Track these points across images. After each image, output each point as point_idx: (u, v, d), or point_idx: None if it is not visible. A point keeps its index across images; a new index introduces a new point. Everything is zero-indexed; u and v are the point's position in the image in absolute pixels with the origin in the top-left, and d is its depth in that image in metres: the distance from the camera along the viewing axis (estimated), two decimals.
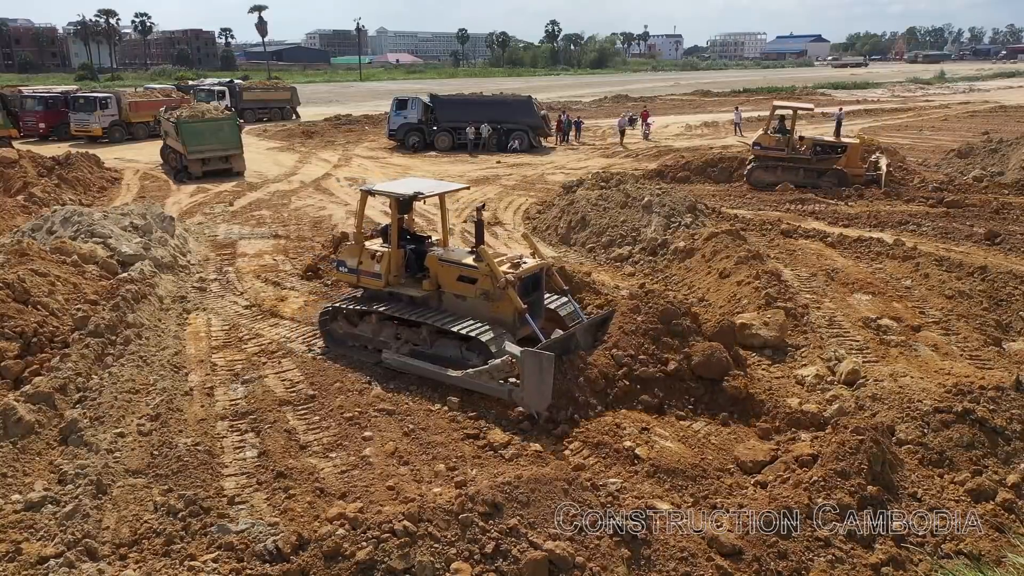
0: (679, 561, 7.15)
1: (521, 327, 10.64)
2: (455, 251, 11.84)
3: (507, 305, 10.55)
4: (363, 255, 11.69)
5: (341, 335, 11.88)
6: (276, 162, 32.87)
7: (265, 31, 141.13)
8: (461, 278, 11.00)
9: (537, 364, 8.99)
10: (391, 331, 11.39)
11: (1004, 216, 19.35)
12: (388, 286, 11.50)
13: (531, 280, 10.98)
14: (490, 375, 9.70)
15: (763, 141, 24.58)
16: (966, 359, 11.23)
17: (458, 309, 11.00)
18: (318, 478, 8.37)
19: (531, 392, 9.16)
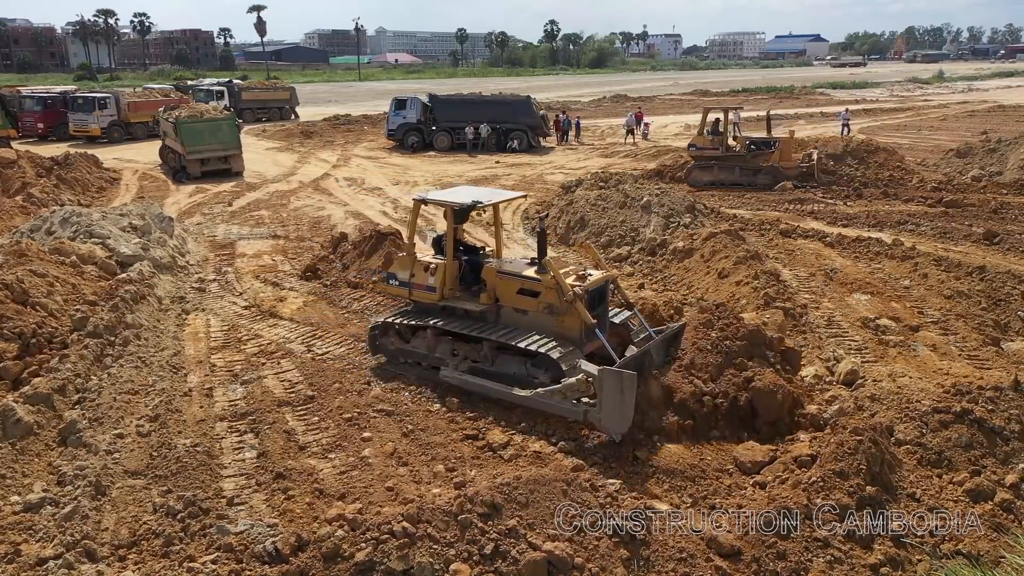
0: (678, 562, 7.16)
1: (588, 343, 10.03)
2: (514, 262, 11.11)
3: (574, 320, 9.92)
4: (416, 267, 11.09)
5: (392, 351, 11.29)
6: (275, 162, 32.89)
7: (264, 31, 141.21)
8: (522, 291, 10.35)
9: (617, 384, 8.46)
10: (447, 347, 10.74)
11: (1003, 216, 19.37)
12: (443, 300, 10.88)
13: (597, 293, 10.32)
14: (563, 395, 9.09)
15: (698, 142, 25.52)
16: (965, 359, 11.23)
17: (518, 324, 10.35)
18: (317, 479, 8.37)
19: (610, 414, 8.62)
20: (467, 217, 11.51)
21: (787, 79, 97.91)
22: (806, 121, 46.93)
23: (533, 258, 10.80)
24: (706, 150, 25.06)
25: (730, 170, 24.54)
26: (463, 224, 11.55)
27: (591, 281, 10.15)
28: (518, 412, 9.79)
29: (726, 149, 24.73)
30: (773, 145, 24.83)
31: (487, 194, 11.53)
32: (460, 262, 11.02)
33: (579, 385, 8.97)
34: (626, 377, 8.46)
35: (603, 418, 8.73)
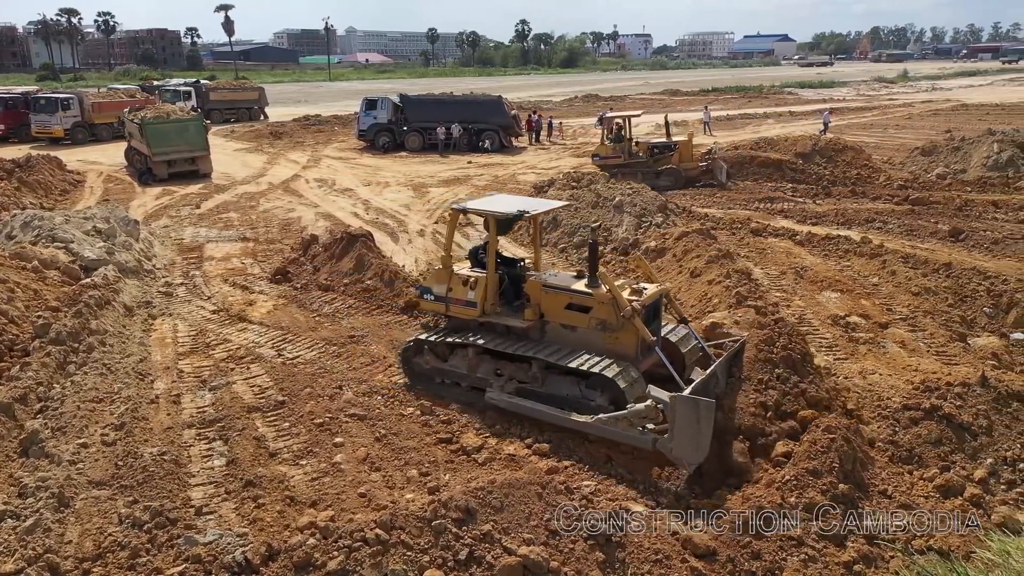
0: (653, 563, 7.13)
1: (643, 360, 9.49)
2: (559, 276, 10.46)
3: (630, 336, 9.30)
4: (453, 281, 10.38)
5: (428, 371, 10.59)
6: (244, 163, 32.48)
7: (232, 30, 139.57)
8: (571, 306, 9.71)
9: (693, 412, 7.92)
10: (490, 366, 10.06)
11: (967, 213, 19.68)
12: (484, 316, 10.22)
13: (652, 308, 9.76)
14: (629, 422, 8.50)
15: (601, 151, 25.78)
16: (933, 355, 11.36)
17: (566, 341, 9.73)
18: (288, 486, 8.23)
19: (684, 444, 8.05)
20: (511, 227, 10.99)
21: (756, 79, 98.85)
22: (775, 120, 47.39)
23: (579, 271, 10.39)
24: (610, 158, 25.39)
25: (633, 175, 24.66)
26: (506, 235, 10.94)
27: (647, 295, 9.58)
28: (490, 414, 9.74)
29: (629, 156, 25.06)
30: (673, 148, 25.21)
31: (533, 204, 10.86)
32: (501, 276, 10.37)
33: (647, 412, 8.37)
34: (704, 405, 7.92)
35: (675, 448, 8.15)
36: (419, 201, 24.16)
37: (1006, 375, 10.31)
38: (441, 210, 22.66)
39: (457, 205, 10.89)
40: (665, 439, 8.22)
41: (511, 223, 10.55)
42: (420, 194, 25.39)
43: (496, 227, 10.17)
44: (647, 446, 8.39)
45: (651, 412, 8.34)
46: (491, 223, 10.17)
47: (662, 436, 8.27)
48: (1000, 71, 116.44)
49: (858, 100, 63.81)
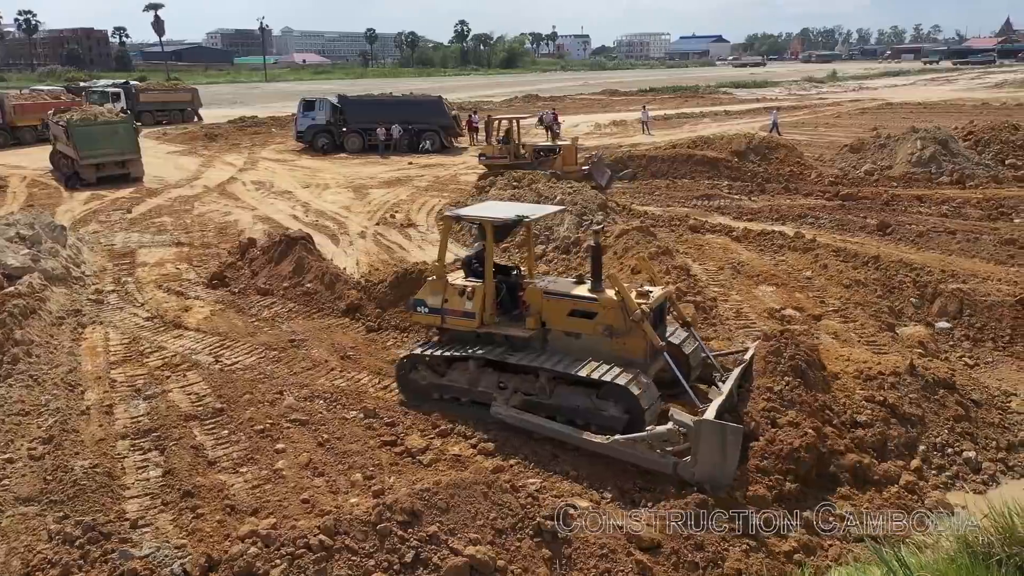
0: (599, 558, 7.18)
1: (651, 366, 9.22)
2: (558, 281, 10.21)
3: (637, 341, 8.99)
4: (449, 292, 9.98)
5: (424, 386, 10.15)
6: (177, 166, 31.65)
7: (162, 30, 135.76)
8: (575, 312, 9.41)
9: (719, 437, 7.63)
10: (492, 379, 9.69)
11: (893, 208, 20.42)
12: (483, 326, 9.81)
13: (659, 311, 9.51)
14: (648, 445, 8.17)
15: (488, 152, 26.18)
16: (864, 345, 11.74)
17: (569, 349, 9.35)
18: (228, 495, 8.04)
19: (708, 469, 7.77)
20: (508, 234, 10.68)
21: (692, 79, 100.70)
22: (711, 119, 48.36)
23: (579, 276, 10.14)
24: (496, 159, 25.66)
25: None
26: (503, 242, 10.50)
27: (655, 298, 9.31)
28: (435, 415, 9.69)
29: (515, 157, 25.36)
30: (556, 152, 25.63)
31: (531, 209, 10.51)
32: (498, 284, 10.03)
33: (669, 435, 8.06)
34: (731, 431, 7.64)
35: (697, 472, 7.86)
36: (360, 203, 23.91)
37: (932, 363, 10.75)
38: (383, 211, 22.48)
39: (450, 212, 10.52)
40: (687, 463, 7.93)
41: (509, 229, 10.17)
42: (360, 196, 25.13)
43: (493, 234, 9.77)
44: (667, 470, 8.08)
45: (673, 436, 8.04)
46: (488, 230, 9.73)
47: (683, 460, 7.99)
48: (921, 71, 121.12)
49: (790, 100, 65.59)
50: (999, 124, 28.71)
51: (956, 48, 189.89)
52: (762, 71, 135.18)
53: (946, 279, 14.20)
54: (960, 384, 10.09)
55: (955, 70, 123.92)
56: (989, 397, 10.17)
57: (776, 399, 8.76)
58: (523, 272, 10.66)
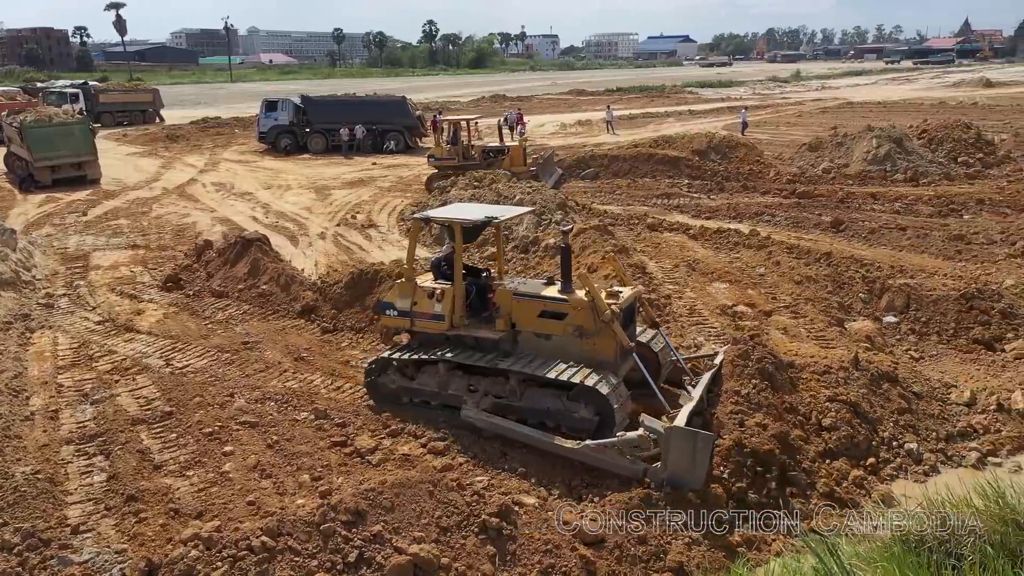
0: (544, 554, 7.26)
1: (620, 366, 9.23)
2: (528, 283, 10.13)
3: (608, 342, 8.98)
4: (418, 295, 9.89)
5: (394, 390, 10.03)
6: (137, 168, 31.23)
7: (124, 30, 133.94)
8: (545, 313, 9.37)
9: (690, 445, 7.62)
10: (462, 382, 9.61)
11: (848, 205, 20.80)
12: (453, 329, 9.77)
13: (629, 311, 9.50)
14: (619, 450, 8.19)
15: (437, 153, 26.22)
16: (812, 340, 11.95)
17: (540, 350, 9.33)
18: (173, 498, 7.98)
19: (678, 475, 7.78)
20: (478, 235, 10.64)
21: (659, 78, 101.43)
22: (676, 119, 48.79)
23: (549, 277, 10.09)
24: (445, 160, 25.77)
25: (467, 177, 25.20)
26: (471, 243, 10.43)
27: (624, 298, 9.29)
28: (386, 416, 9.70)
29: (463, 157, 25.53)
30: (505, 152, 25.81)
31: (500, 210, 10.42)
32: (467, 286, 9.95)
33: (640, 442, 8.07)
34: (701, 438, 7.64)
35: (667, 479, 7.87)
36: (321, 204, 23.78)
37: (876, 356, 10.98)
38: (344, 212, 22.39)
39: (419, 214, 10.36)
40: (656, 469, 7.96)
41: (478, 231, 10.08)
42: (322, 197, 25.00)
43: (462, 235, 9.70)
44: (637, 476, 8.09)
45: (644, 442, 8.06)
46: (457, 231, 9.68)
47: (653, 466, 8.02)
48: (883, 71, 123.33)
49: (754, 99, 66.38)
50: (952, 123, 29.35)
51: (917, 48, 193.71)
52: (728, 71, 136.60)
53: (894, 275, 14.52)
54: (902, 377, 10.34)
55: (915, 70, 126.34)
56: (930, 389, 10.42)
57: (744, 402, 8.89)
58: (493, 274, 10.57)
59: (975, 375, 11.22)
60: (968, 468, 8.95)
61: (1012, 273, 14.69)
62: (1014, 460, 9.19)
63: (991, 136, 31.20)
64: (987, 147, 28.05)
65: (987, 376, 11.18)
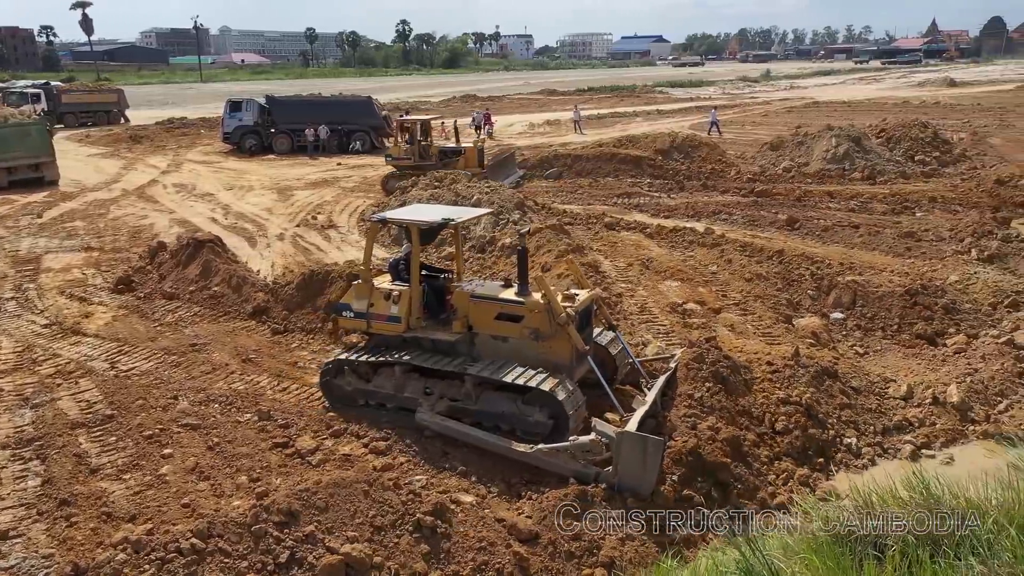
0: (478, 551, 7.30)
1: (577, 368, 9.25)
2: (486, 285, 10.03)
3: (563, 345, 8.98)
4: (374, 296, 9.83)
5: (349, 392, 9.97)
6: (97, 169, 30.81)
7: (90, 29, 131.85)
8: (501, 316, 9.32)
9: (640, 449, 7.70)
10: (418, 384, 9.57)
11: (804, 203, 21.07)
12: (409, 330, 9.72)
13: (585, 314, 9.48)
14: (571, 455, 8.24)
15: (394, 152, 26.46)
16: (759, 337, 12.11)
17: (496, 353, 9.33)
18: (107, 502, 7.91)
19: (629, 479, 7.86)
20: (435, 237, 10.59)
21: (631, 78, 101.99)
22: (643, 118, 49.08)
23: (506, 279, 9.97)
24: (401, 159, 25.92)
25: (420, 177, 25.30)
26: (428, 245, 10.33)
27: (580, 301, 9.31)
28: (330, 416, 9.70)
29: (420, 157, 25.67)
30: (460, 153, 26.01)
31: (457, 211, 10.39)
32: (424, 288, 9.88)
33: (592, 446, 8.15)
34: (652, 443, 7.72)
35: (619, 482, 7.93)
36: (282, 204, 23.64)
37: (818, 352, 11.15)
38: (305, 213, 22.28)
39: (376, 216, 10.29)
40: (608, 473, 8.02)
41: (435, 232, 10.02)
42: (284, 197, 24.86)
43: (419, 237, 9.65)
44: (588, 480, 8.11)
45: (595, 446, 8.15)
46: (414, 233, 9.64)
47: (605, 470, 8.07)
48: (852, 70, 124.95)
49: (723, 98, 66.94)
50: (909, 122, 29.82)
51: (885, 48, 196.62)
52: (700, 71, 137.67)
53: (843, 271, 14.74)
54: (842, 372, 10.50)
55: (883, 69, 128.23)
56: (869, 384, 10.60)
57: (696, 405, 8.98)
58: (451, 275, 10.54)
59: (915, 369, 11.44)
60: (903, 460, 9.13)
61: (957, 269, 14.97)
62: (947, 452, 9.41)
63: (949, 135, 31.81)
64: (944, 146, 28.59)
65: (927, 370, 11.41)
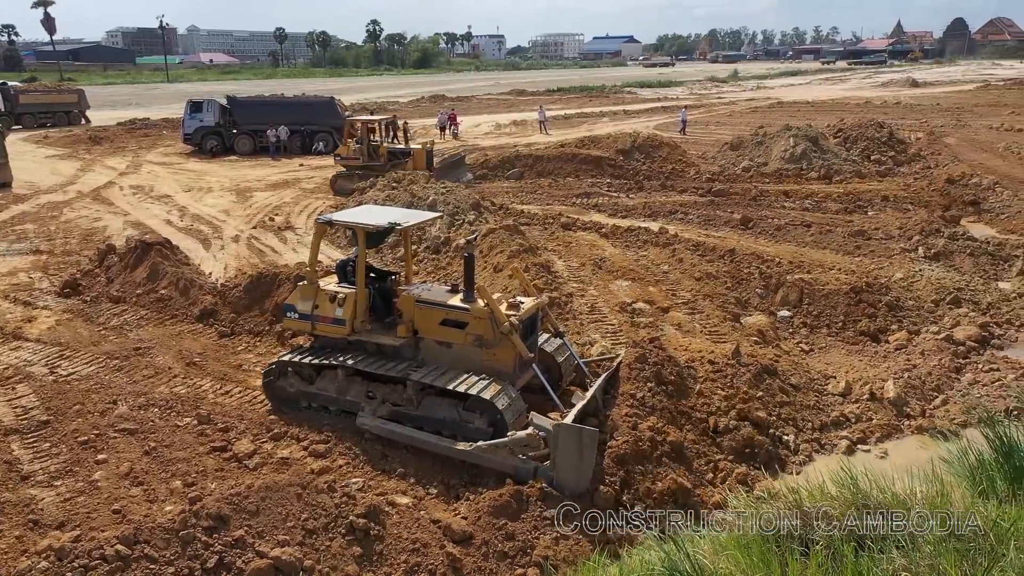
0: (411, 553, 7.30)
1: (520, 375, 9.30)
2: (432, 289, 10.00)
3: (507, 353, 9.04)
4: (319, 298, 9.76)
5: (292, 394, 9.91)
6: (53, 171, 30.27)
7: (53, 28, 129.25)
8: (446, 322, 9.35)
9: (575, 441, 7.76)
10: (361, 388, 9.54)
11: (760, 203, 21.30)
12: (354, 333, 9.68)
13: (529, 322, 9.50)
14: (509, 450, 8.25)
15: (343, 152, 26.51)
16: (705, 335, 12.22)
17: (441, 358, 9.37)
18: (35, 509, 7.80)
19: (566, 472, 7.90)
20: (382, 240, 10.50)
21: (602, 79, 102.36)
22: (610, 119, 49.29)
23: (454, 285, 10.02)
24: (350, 159, 25.94)
25: (367, 178, 25.10)
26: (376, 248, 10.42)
27: (525, 309, 9.31)
28: (271, 419, 9.64)
29: (368, 158, 25.69)
30: (409, 155, 26.05)
31: (405, 215, 10.34)
32: (371, 291, 9.84)
33: (529, 440, 8.16)
34: (587, 434, 7.78)
35: (557, 476, 7.97)
36: (240, 206, 23.41)
37: (761, 350, 11.29)
38: (263, 214, 22.09)
39: (323, 218, 10.30)
40: (546, 467, 8.07)
41: (382, 236, 9.99)
42: (243, 199, 24.62)
43: (365, 240, 9.63)
44: (528, 476, 8.13)
45: (533, 440, 8.17)
46: (360, 236, 9.62)
47: (543, 464, 8.12)
48: (819, 71, 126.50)
49: (690, 99, 67.43)
50: (866, 122, 30.29)
51: (852, 49, 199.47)
52: (670, 71, 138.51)
53: (792, 270, 14.94)
54: (782, 370, 10.64)
55: (849, 70, 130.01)
56: (808, 381, 10.76)
57: (638, 405, 9.03)
58: (399, 278, 10.47)
59: (856, 366, 11.63)
60: (839, 456, 9.26)
61: (903, 267, 15.24)
62: (882, 447, 9.59)
63: (906, 135, 32.34)
64: (899, 145, 29.07)
65: (867, 366, 11.60)
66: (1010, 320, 12.97)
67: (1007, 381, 10.79)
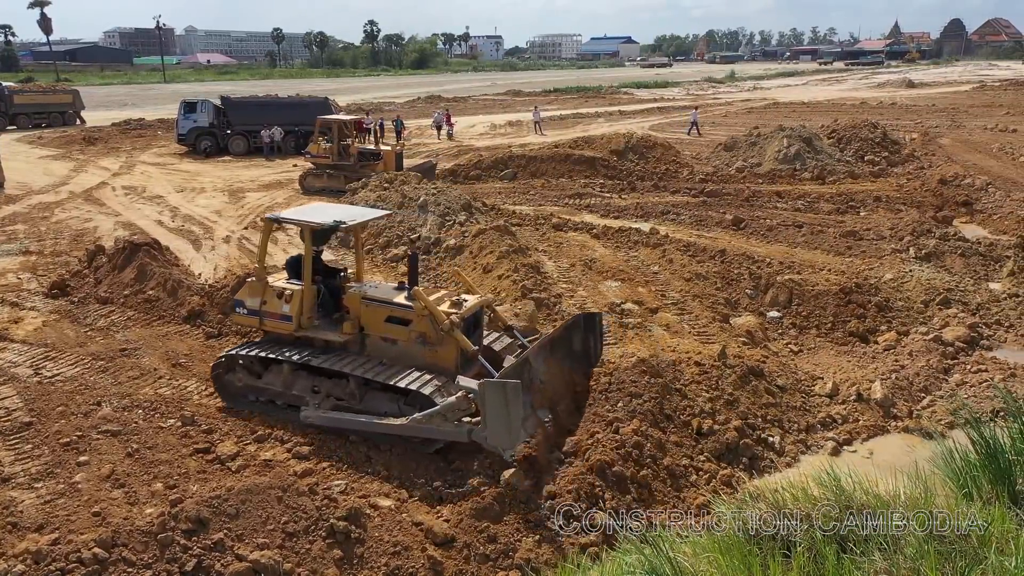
0: (392, 555, 7.29)
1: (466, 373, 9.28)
2: (379, 287, 10.22)
3: (450, 350, 9.28)
4: (267, 294, 9.92)
5: (240, 388, 10.09)
6: (46, 171, 30.18)
7: (49, 28, 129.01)
8: (391, 319, 9.52)
9: (501, 396, 7.90)
10: (306, 383, 9.70)
11: (753, 203, 21.27)
12: (300, 329, 9.82)
13: (472, 319, 9.74)
14: (443, 417, 8.41)
15: (313, 150, 26.47)
16: (694, 336, 12.19)
17: (386, 355, 9.52)
18: (14, 512, 7.74)
19: (496, 430, 8.01)
20: (328, 238, 10.62)
21: (599, 79, 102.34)
22: (605, 119, 49.27)
23: (401, 282, 10.14)
24: (319, 157, 25.93)
25: (339, 178, 25.26)
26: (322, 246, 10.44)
27: (466, 308, 9.51)
28: (255, 421, 9.60)
29: (337, 157, 25.67)
30: (379, 157, 26.00)
31: (351, 213, 10.49)
32: (318, 288, 9.99)
33: (460, 404, 8.31)
34: (510, 387, 7.91)
35: (489, 436, 8.10)
36: (232, 207, 23.35)
37: (748, 351, 11.26)
38: (255, 215, 22.03)
39: (270, 215, 10.41)
40: (479, 429, 8.21)
41: (327, 234, 10.09)
42: (236, 199, 24.56)
43: (311, 237, 9.78)
44: (464, 439, 8.34)
45: (463, 403, 8.31)
46: (306, 234, 9.82)
47: (476, 427, 8.26)
48: (816, 71, 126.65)
49: (686, 99, 67.43)
50: (859, 123, 30.27)
51: (849, 49, 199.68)
52: (667, 72, 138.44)
53: (782, 270, 14.92)
54: (768, 371, 10.62)
55: (846, 70, 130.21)
56: (795, 382, 10.74)
57: (622, 409, 9.06)
58: (348, 275, 10.59)
59: (845, 367, 11.61)
60: (825, 457, 9.24)
61: (894, 268, 15.22)
62: (868, 447, 9.57)
63: (901, 135, 32.34)
64: (893, 146, 29.06)
65: (856, 367, 11.58)
66: (999, 321, 12.97)
67: (994, 382, 10.77)
